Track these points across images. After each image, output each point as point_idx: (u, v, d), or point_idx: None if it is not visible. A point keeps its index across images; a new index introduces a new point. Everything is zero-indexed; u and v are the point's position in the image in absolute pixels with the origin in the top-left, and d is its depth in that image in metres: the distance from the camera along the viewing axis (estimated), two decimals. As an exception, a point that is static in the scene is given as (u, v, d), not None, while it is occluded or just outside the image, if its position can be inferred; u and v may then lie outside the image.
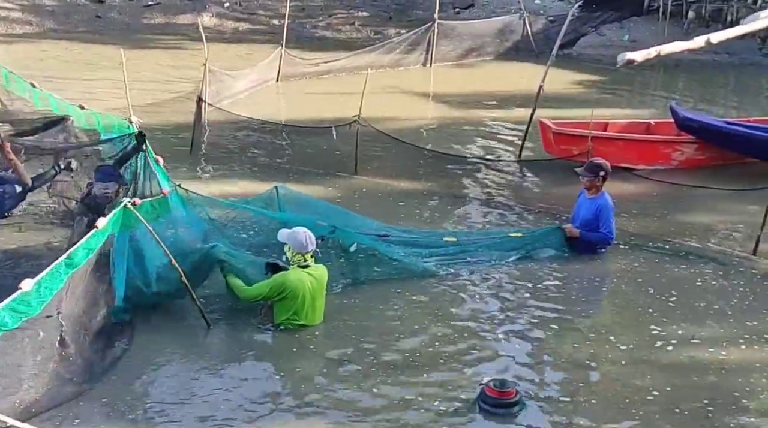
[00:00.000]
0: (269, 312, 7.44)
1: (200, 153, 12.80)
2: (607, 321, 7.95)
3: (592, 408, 6.42)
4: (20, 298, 5.58)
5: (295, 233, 7.31)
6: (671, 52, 10.86)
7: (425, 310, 7.88)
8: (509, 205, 11.17)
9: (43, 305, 5.79)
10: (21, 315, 5.58)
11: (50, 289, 5.86)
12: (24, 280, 5.68)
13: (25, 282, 5.64)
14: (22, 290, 5.61)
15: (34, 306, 5.69)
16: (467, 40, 21.99)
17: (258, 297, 7.35)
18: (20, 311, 5.57)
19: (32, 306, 5.68)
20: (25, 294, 5.62)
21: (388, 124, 13.69)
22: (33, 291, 5.68)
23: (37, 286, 5.72)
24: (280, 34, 18.39)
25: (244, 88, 16.60)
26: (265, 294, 7.29)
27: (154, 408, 6.21)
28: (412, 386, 6.61)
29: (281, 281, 7.24)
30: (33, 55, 19.85)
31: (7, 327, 5.47)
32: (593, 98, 17.48)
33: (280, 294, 7.23)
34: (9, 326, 5.49)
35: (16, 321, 5.55)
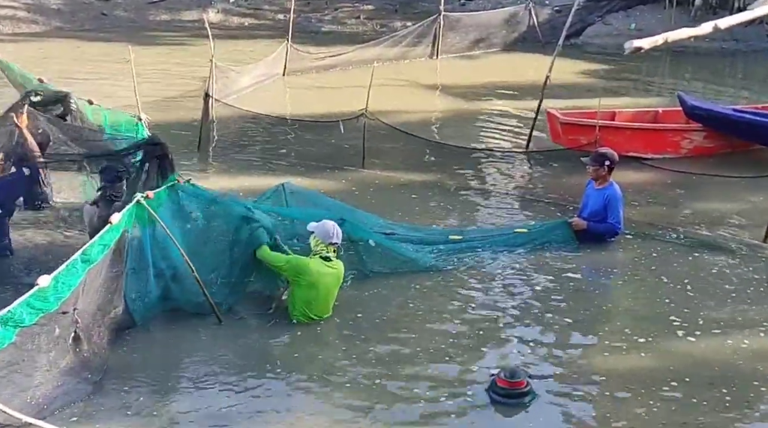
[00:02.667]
0: (281, 307, 7.48)
1: (208, 148, 12.82)
2: (622, 311, 7.91)
3: (606, 398, 6.41)
4: (37, 294, 5.60)
5: (324, 224, 7.45)
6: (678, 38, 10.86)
7: (435, 303, 7.88)
8: (517, 196, 11.16)
9: (60, 301, 5.82)
10: (38, 312, 5.61)
11: (67, 285, 5.89)
12: (41, 276, 5.70)
13: (42, 279, 5.67)
14: (39, 286, 5.63)
15: (51, 302, 5.72)
16: (473, 32, 21.95)
17: (273, 263, 7.42)
18: (37, 307, 5.60)
19: (49, 302, 5.71)
20: (42, 290, 5.65)
21: (395, 116, 13.69)
22: (50, 288, 5.70)
23: (54, 282, 5.75)
24: (285, 29, 18.40)
25: (251, 83, 16.60)
26: (281, 265, 7.38)
27: (166, 403, 6.23)
28: (423, 377, 6.63)
29: (301, 264, 7.33)
30: (40, 54, 19.89)
31: (24, 323, 5.50)
32: (600, 87, 17.42)
33: (296, 276, 7.28)
34: (26, 322, 5.52)
35: (33, 318, 5.58)
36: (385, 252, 8.35)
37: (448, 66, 20.29)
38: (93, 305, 6.57)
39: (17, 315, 5.47)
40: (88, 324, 6.49)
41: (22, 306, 5.52)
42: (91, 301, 6.51)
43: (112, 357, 6.68)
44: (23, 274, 7.89)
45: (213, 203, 7.77)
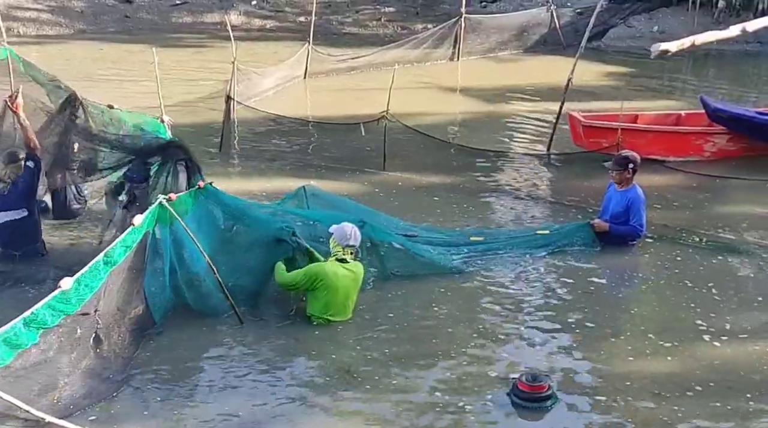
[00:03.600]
0: (301, 308, 7.51)
1: (229, 151, 12.87)
2: (645, 315, 7.85)
3: (628, 403, 6.35)
4: (59, 296, 5.65)
5: (342, 226, 7.47)
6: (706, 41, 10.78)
7: (456, 305, 7.87)
8: (538, 198, 11.12)
9: (83, 303, 5.87)
10: (60, 313, 5.67)
11: (89, 287, 5.94)
12: (63, 279, 5.74)
13: (65, 281, 5.71)
14: (61, 288, 5.68)
15: (73, 303, 5.78)
16: (494, 34, 21.89)
17: (292, 285, 7.40)
18: (59, 309, 5.65)
19: (71, 303, 5.76)
20: (65, 292, 5.69)
21: (416, 119, 13.68)
22: (72, 290, 5.75)
23: (77, 284, 5.80)
24: (307, 31, 18.42)
25: (272, 86, 16.65)
26: (299, 281, 7.35)
27: (187, 404, 6.24)
28: (444, 379, 6.62)
29: (315, 270, 7.33)
30: (64, 56, 20.04)
31: (46, 324, 5.56)
32: (622, 90, 17.27)
33: (314, 284, 7.29)
34: (48, 324, 5.57)
35: (55, 319, 5.63)
36: (407, 255, 8.35)
37: (469, 68, 20.25)
38: (114, 305, 6.61)
39: (40, 317, 5.53)
40: (108, 325, 6.53)
41: (45, 308, 5.58)
42: (112, 302, 6.55)
43: (132, 357, 6.71)
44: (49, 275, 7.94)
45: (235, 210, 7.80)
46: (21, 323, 5.42)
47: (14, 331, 5.36)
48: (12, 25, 22.70)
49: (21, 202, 8.27)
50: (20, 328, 5.40)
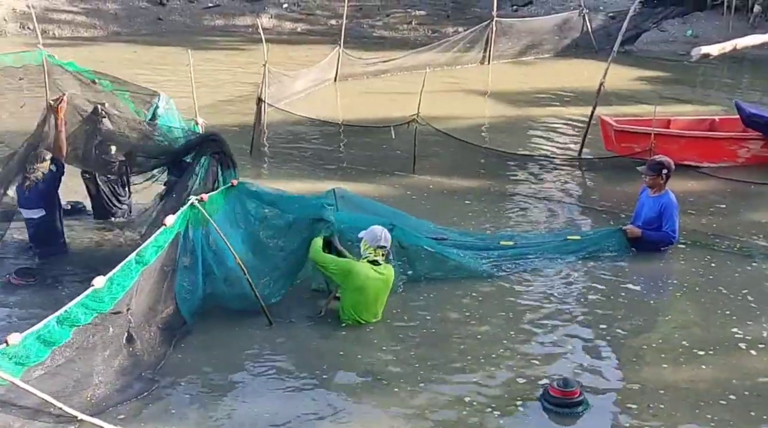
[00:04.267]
0: (330, 310, 7.53)
1: (260, 153, 12.93)
2: (680, 322, 7.75)
3: (661, 411, 6.28)
4: (92, 295, 5.71)
5: (372, 228, 7.51)
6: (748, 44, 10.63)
7: (487, 309, 7.84)
8: (569, 203, 11.06)
9: (115, 301, 5.92)
10: (93, 312, 5.72)
11: (122, 286, 5.99)
12: (96, 277, 5.79)
13: (98, 280, 5.77)
14: (94, 287, 5.73)
15: (106, 302, 5.83)
16: (526, 38, 21.84)
17: (322, 264, 7.47)
18: (92, 307, 5.71)
19: (104, 302, 5.82)
20: (98, 290, 5.74)
21: (446, 122, 13.67)
22: (105, 288, 5.80)
23: (109, 283, 5.85)
24: (338, 34, 18.50)
25: (303, 88, 16.72)
26: (330, 266, 7.42)
27: (216, 404, 6.27)
28: (474, 384, 6.58)
29: (348, 267, 7.38)
30: (98, 58, 20.20)
31: (79, 322, 5.61)
32: (655, 95, 17.21)
33: (344, 279, 7.33)
34: (81, 322, 5.63)
35: (88, 317, 5.68)
36: (437, 258, 8.32)
37: (500, 72, 20.21)
38: (146, 305, 6.66)
39: (73, 315, 5.58)
40: (140, 324, 6.58)
41: (78, 306, 5.63)
42: (144, 301, 6.59)
43: (163, 356, 6.74)
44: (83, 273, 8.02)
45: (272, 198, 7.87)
46: (54, 321, 5.48)
47: (48, 329, 5.43)
48: (47, 28, 23.01)
49: (40, 202, 8.49)
50: (54, 326, 5.46)
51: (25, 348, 5.25)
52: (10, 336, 5.13)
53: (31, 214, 8.54)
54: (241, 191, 7.66)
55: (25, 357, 5.25)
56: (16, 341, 5.15)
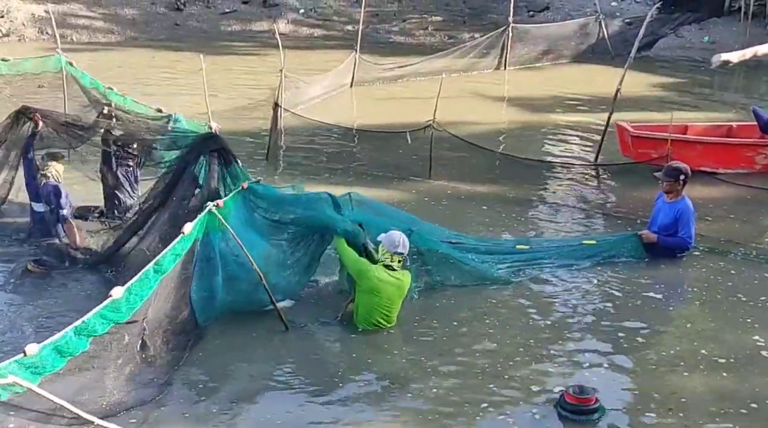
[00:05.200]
0: (346, 314, 7.56)
1: (277, 158, 12.96)
2: (698, 329, 7.71)
3: (679, 419, 6.25)
4: (111, 305, 5.71)
5: (391, 233, 7.52)
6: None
7: (502, 315, 7.83)
8: (585, 209, 11.02)
9: (132, 311, 5.91)
10: (110, 322, 5.72)
11: (139, 296, 5.98)
12: (114, 288, 5.80)
13: (116, 290, 5.77)
14: (112, 297, 5.73)
15: (123, 312, 5.83)
16: (542, 43, 21.80)
17: (343, 255, 7.55)
18: (110, 318, 5.70)
19: (122, 312, 5.81)
20: (115, 301, 5.75)
21: (462, 128, 13.66)
22: (123, 299, 5.80)
23: (127, 293, 5.85)
24: (354, 40, 18.52)
25: (319, 94, 16.74)
26: (347, 260, 7.50)
27: (229, 410, 6.27)
28: (489, 390, 6.58)
29: (362, 266, 7.41)
30: (115, 63, 20.35)
31: (96, 333, 5.61)
32: (672, 101, 17.15)
33: (358, 279, 7.38)
34: (99, 332, 5.63)
35: (105, 327, 5.68)
36: (453, 264, 8.32)
37: (516, 77, 20.18)
38: (161, 312, 6.66)
39: (91, 326, 5.58)
40: (155, 331, 6.58)
41: (96, 317, 5.63)
42: (160, 309, 6.60)
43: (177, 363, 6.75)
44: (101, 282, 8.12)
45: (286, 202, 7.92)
46: (72, 332, 5.47)
47: (65, 340, 5.42)
48: (66, 33, 23.14)
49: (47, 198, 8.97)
50: (71, 337, 5.45)
51: (42, 359, 5.26)
52: (28, 347, 5.16)
53: (39, 208, 9.09)
54: (252, 193, 7.68)
55: (41, 367, 5.26)
56: (34, 352, 5.17)
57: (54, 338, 5.38)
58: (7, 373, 4.92)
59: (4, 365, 5.02)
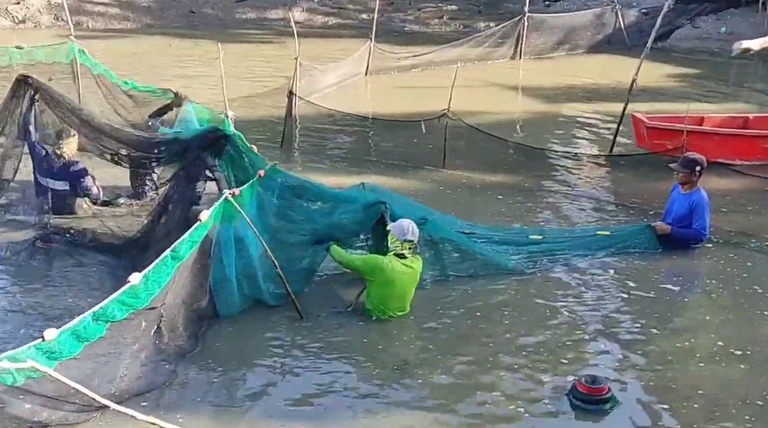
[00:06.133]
0: (360, 304, 7.57)
1: (291, 146, 12.98)
2: (714, 321, 7.67)
3: (694, 410, 6.23)
4: (129, 291, 5.74)
5: (400, 222, 7.51)
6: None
7: (515, 305, 7.82)
8: (599, 200, 10.99)
9: (151, 298, 5.94)
10: (129, 308, 5.75)
11: (157, 282, 6.01)
12: (132, 274, 5.83)
13: (134, 276, 5.80)
14: (130, 283, 5.77)
15: (142, 298, 5.85)
16: (558, 33, 21.72)
17: (348, 265, 7.60)
18: (128, 303, 5.74)
19: (140, 298, 5.84)
20: (134, 287, 5.78)
21: (477, 117, 13.64)
22: (141, 285, 5.83)
23: (145, 279, 5.88)
24: (369, 28, 18.50)
25: (334, 82, 16.75)
26: (356, 265, 7.53)
27: (243, 396, 6.31)
28: (501, 379, 6.58)
29: (374, 262, 7.42)
30: (130, 50, 20.42)
31: (115, 318, 5.64)
32: (688, 92, 17.07)
33: (371, 275, 7.38)
34: (117, 318, 5.67)
35: (124, 313, 5.72)
36: (466, 253, 8.32)
37: (532, 67, 20.11)
38: (179, 299, 6.69)
39: (109, 312, 5.62)
40: (172, 317, 6.60)
41: (114, 303, 5.66)
42: (177, 295, 6.62)
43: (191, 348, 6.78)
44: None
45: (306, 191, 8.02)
46: (90, 317, 5.50)
47: (83, 325, 5.45)
48: (81, 20, 23.24)
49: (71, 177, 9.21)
50: (89, 322, 5.49)
51: (59, 344, 5.29)
52: (46, 332, 5.18)
53: (61, 186, 9.21)
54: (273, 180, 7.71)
55: (58, 352, 5.29)
56: (52, 336, 5.20)
57: (72, 323, 5.41)
58: (26, 358, 4.95)
59: (22, 350, 5.05)
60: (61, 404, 5.52)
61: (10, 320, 7.25)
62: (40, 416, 5.44)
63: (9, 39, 16.80)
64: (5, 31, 22.81)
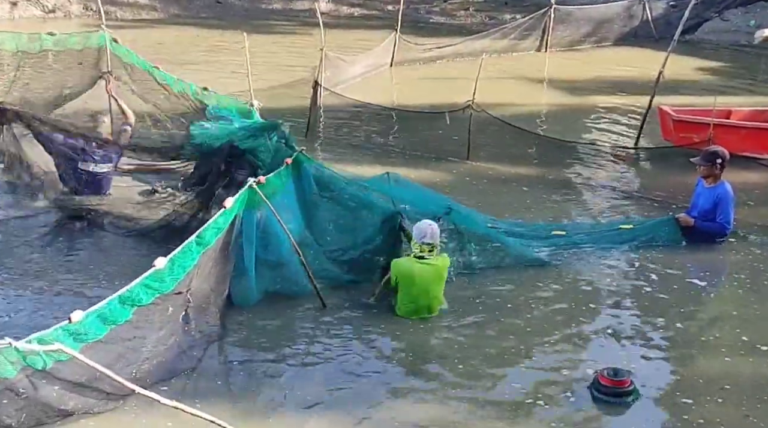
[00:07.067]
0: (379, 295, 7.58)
1: (315, 136, 13.03)
2: (740, 315, 7.60)
3: (717, 404, 6.19)
4: (154, 275, 5.80)
5: (419, 224, 7.44)
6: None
7: (538, 299, 7.81)
8: (625, 193, 10.94)
9: (176, 282, 6.00)
10: (154, 291, 5.81)
11: (182, 267, 6.07)
12: (158, 258, 5.89)
13: (159, 260, 5.86)
14: (156, 267, 5.83)
15: (167, 282, 5.91)
16: (584, 26, 21.62)
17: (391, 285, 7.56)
18: (154, 287, 5.80)
19: (165, 282, 5.90)
20: (159, 271, 5.84)
21: (501, 109, 13.61)
22: (166, 269, 5.89)
23: (170, 264, 5.93)
24: (394, 20, 18.49)
25: (359, 73, 16.78)
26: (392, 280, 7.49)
27: (264, 384, 6.31)
28: (523, 371, 6.59)
29: (396, 268, 7.40)
30: (158, 40, 20.54)
31: (141, 302, 5.70)
32: (715, 85, 16.93)
33: (400, 281, 7.36)
34: (143, 302, 5.72)
35: (150, 297, 5.78)
36: (491, 246, 8.30)
37: (557, 59, 20.02)
38: (205, 285, 6.73)
39: (135, 295, 5.68)
40: (199, 303, 6.64)
41: (140, 286, 5.72)
42: (203, 282, 6.67)
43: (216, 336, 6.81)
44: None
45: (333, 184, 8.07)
46: (117, 300, 5.56)
47: (109, 308, 5.51)
48: (110, 9, 23.38)
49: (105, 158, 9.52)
50: (116, 305, 5.55)
51: (86, 326, 5.34)
52: (73, 314, 5.23)
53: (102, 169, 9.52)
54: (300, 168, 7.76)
55: (84, 334, 5.35)
56: (79, 318, 5.26)
57: (99, 305, 5.47)
58: (53, 340, 5.01)
59: (49, 332, 5.10)
60: (87, 391, 5.55)
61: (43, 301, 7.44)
62: (66, 404, 5.48)
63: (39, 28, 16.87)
64: (36, 21, 23.05)
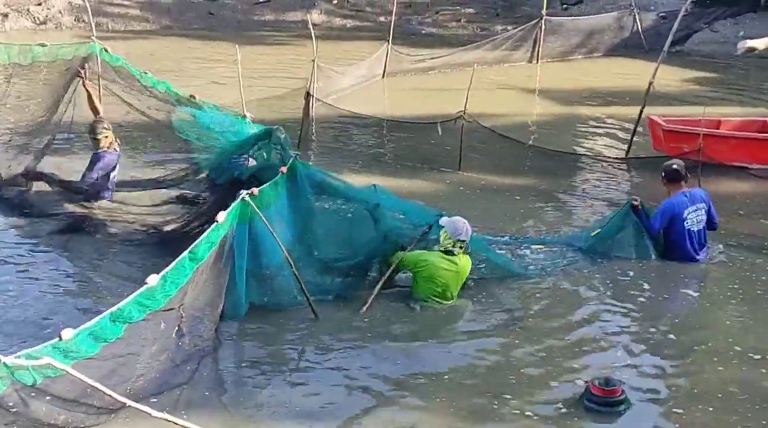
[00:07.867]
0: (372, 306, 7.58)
1: (308, 146, 13.05)
2: (732, 324, 7.64)
3: (708, 413, 6.20)
4: (146, 293, 5.77)
5: (455, 220, 7.70)
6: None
7: (528, 308, 7.81)
8: (616, 202, 10.96)
9: (168, 299, 5.96)
10: (146, 309, 5.77)
11: (175, 284, 6.02)
12: (150, 276, 5.87)
13: (151, 278, 5.83)
14: (148, 285, 5.80)
15: (159, 299, 5.86)
16: (575, 37, 21.74)
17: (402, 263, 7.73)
18: (146, 305, 5.76)
19: (157, 299, 5.85)
20: (151, 288, 5.81)
21: (493, 120, 13.67)
22: (158, 286, 5.86)
23: (163, 281, 5.90)
24: (386, 31, 18.57)
25: (351, 84, 16.82)
26: (407, 262, 7.70)
27: (257, 396, 6.27)
28: (514, 380, 6.58)
29: (417, 256, 7.66)
30: (149, 51, 20.54)
31: (132, 320, 5.66)
32: (705, 95, 17.02)
33: (414, 266, 7.61)
34: (134, 319, 5.69)
35: (141, 314, 5.75)
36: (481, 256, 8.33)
37: (548, 70, 20.11)
38: (200, 300, 6.69)
39: (126, 312, 5.64)
40: (193, 319, 6.58)
41: (132, 303, 5.67)
42: (197, 297, 6.63)
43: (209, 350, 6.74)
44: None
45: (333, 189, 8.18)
46: (108, 318, 5.51)
47: (101, 326, 5.48)
48: (101, 21, 23.44)
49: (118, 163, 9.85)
50: (107, 323, 5.51)
51: (77, 344, 5.29)
52: (63, 332, 5.19)
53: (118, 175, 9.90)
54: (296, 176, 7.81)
55: (75, 352, 5.31)
56: (69, 336, 5.23)
57: (90, 323, 5.41)
58: (42, 355, 4.99)
59: (38, 349, 5.05)
60: (77, 406, 5.50)
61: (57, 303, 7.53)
62: (57, 419, 5.41)
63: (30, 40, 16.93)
64: (27, 32, 23.06)
